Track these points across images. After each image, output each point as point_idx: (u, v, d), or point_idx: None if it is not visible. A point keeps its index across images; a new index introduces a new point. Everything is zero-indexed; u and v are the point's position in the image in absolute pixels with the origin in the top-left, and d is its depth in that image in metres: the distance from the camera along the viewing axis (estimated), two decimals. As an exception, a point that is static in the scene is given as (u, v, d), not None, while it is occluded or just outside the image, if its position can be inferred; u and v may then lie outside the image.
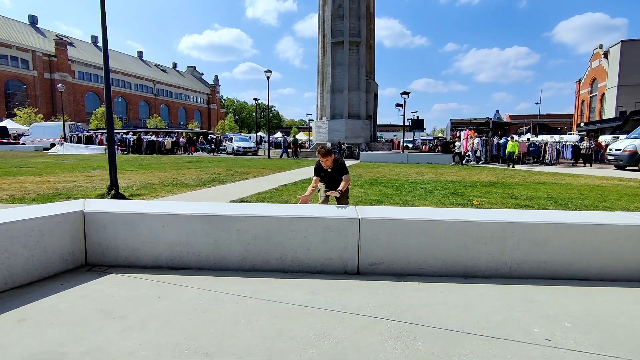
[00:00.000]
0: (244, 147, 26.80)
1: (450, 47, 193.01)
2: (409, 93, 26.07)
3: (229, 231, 2.83)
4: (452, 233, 2.82)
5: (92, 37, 70.43)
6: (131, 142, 23.88)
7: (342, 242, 2.82)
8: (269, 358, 1.64)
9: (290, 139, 32.11)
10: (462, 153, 19.07)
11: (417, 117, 41.48)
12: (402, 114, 27.90)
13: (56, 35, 57.83)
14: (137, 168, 12.29)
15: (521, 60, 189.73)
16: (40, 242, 2.55)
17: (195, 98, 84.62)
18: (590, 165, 17.63)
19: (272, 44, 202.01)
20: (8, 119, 36.05)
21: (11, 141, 26.66)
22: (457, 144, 20.51)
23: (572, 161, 19.20)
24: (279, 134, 52.46)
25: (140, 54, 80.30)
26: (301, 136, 62.33)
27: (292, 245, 2.83)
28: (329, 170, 3.91)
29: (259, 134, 49.37)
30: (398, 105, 26.73)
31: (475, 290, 2.55)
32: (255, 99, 28.66)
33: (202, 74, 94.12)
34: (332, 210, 3.01)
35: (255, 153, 26.30)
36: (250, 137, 37.53)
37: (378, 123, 35.57)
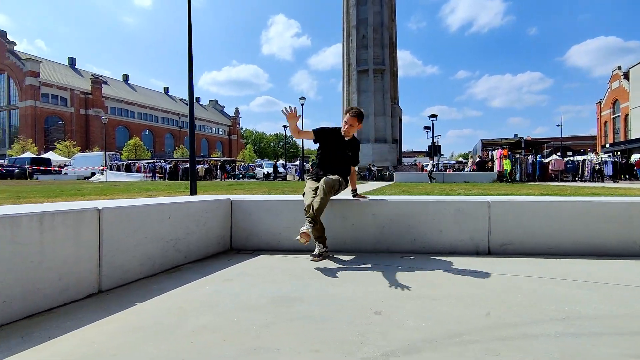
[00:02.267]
0: (265, 172, 27.46)
1: (462, 75, 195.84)
2: (437, 115, 26.46)
3: (365, 215, 3.04)
4: (577, 213, 2.94)
5: (123, 75, 75.04)
6: (167, 170, 24.92)
7: (474, 223, 2.97)
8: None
9: (306, 165, 33.02)
10: (498, 172, 18.98)
11: (438, 141, 41.83)
12: (429, 137, 28.23)
13: (92, 75, 62.03)
14: (186, 190, 12.81)
15: (535, 85, 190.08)
16: (206, 223, 2.82)
17: (217, 130, 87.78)
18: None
19: (287, 77, 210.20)
20: (50, 152, 38.24)
21: (53, 170, 28.17)
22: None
23: (611, 177, 18.77)
24: (298, 162, 53.55)
25: (166, 89, 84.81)
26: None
27: (424, 227, 3.01)
28: (345, 141, 3.03)
29: (280, 161, 50.55)
30: (426, 127, 27.03)
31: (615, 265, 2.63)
32: (284, 126, 29.54)
33: (223, 106, 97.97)
34: (461, 196, 3.19)
35: (284, 177, 26.83)
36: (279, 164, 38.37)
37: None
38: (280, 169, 28.02)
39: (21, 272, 1.57)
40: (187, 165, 23.93)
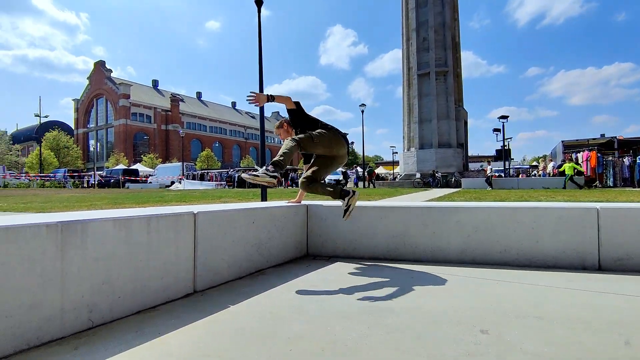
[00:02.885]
0: (334, 180, 27.66)
1: (533, 72, 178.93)
2: (507, 117, 24.42)
3: (448, 222, 2.84)
4: None
5: (196, 93, 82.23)
6: (236, 178, 26.60)
7: (579, 234, 2.59)
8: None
9: (352, 172, 32.80)
10: (586, 177, 16.75)
11: (508, 145, 38.45)
12: (499, 140, 26.10)
13: (171, 94, 69.03)
14: (257, 197, 13.45)
15: (625, 78, 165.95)
16: (286, 228, 2.86)
17: (279, 140, 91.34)
18: None
19: (345, 86, 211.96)
20: (138, 163, 43.30)
21: (141, 180, 31.77)
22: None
23: None
24: (359, 169, 53.47)
25: (233, 104, 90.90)
26: (381, 170, 62.84)
27: (517, 237, 2.70)
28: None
29: (339, 169, 51.02)
30: (496, 130, 25.07)
31: None
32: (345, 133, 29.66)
33: (284, 118, 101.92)
34: (562, 203, 2.83)
35: (344, 185, 26.84)
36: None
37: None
38: (340, 177, 28.11)
39: (133, 270, 1.71)
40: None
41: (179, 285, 1.95)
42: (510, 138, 36.47)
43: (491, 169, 18.54)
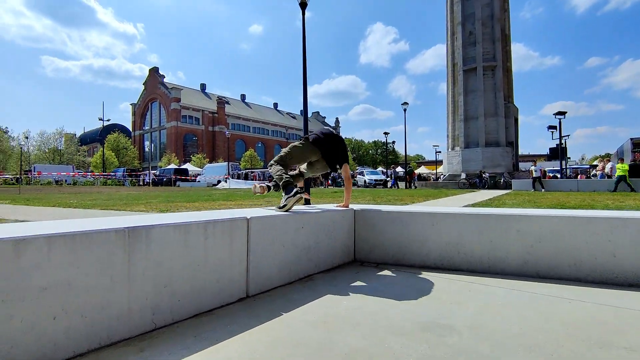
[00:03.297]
0: (375, 180, 27.29)
1: (594, 62, 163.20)
2: (565, 113, 22.48)
3: (508, 231, 2.63)
4: None
5: (240, 95, 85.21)
6: (277, 178, 27.23)
7: (668, 249, 2.28)
8: None
9: (393, 171, 31.87)
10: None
11: (565, 143, 35.28)
12: (554, 138, 24.13)
13: (218, 97, 72.18)
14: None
15: None
16: (334, 233, 2.83)
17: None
18: None
19: (385, 84, 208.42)
20: (187, 163, 45.89)
21: (190, 179, 33.61)
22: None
23: None
24: (399, 168, 52.43)
25: (275, 105, 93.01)
26: (423, 169, 61.00)
27: (590, 249, 2.43)
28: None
29: (379, 169, 50.37)
30: (551, 127, 23.18)
31: None
32: (385, 133, 29.18)
33: (324, 117, 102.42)
34: None
35: (385, 185, 26.35)
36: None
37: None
38: (381, 177, 27.60)
39: (191, 273, 1.76)
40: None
41: (233, 289, 1.98)
42: (568, 136, 33.50)
43: (536, 169, 17.06)
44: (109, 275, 1.45)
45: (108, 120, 46.41)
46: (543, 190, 16.31)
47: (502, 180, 22.86)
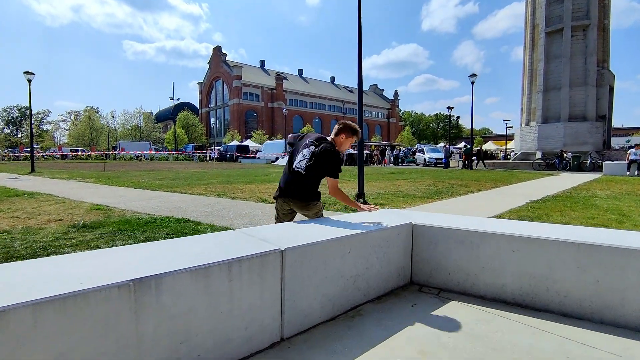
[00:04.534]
0: (436, 158, 25.64)
1: None
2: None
3: (624, 270, 1.97)
4: None
5: (298, 70, 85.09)
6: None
7: None
8: None
9: (457, 147, 28.84)
10: None
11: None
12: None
13: (276, 73, 73.01)
14: (353, 179, 13.25)
15: None
16: (387, 254, 2.41)
17: (377, 114, 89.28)
18: None
19: (449, 51, 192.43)
20: (248, 140, 47.77)
21: (251, 156, 34.93)
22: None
23: None
24: (462, 144, 48.53)
25: (332, 79, 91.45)
26: (490, 145, 55.70)
27: None
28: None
29: (440, 145, 47.15)
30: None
31: None
32: (449, 108, 26.98)
33: (382, 90, 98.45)
34: None
35: (447, 165, 24.60)
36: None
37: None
38: (442, 155, 25.70)
39: (213, 323, 1.50)
40: (350, 151, 25.13)
41: (265, 334, 1.70)
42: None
43: (636, 153, 14.14)
44: (112, 338, 1.23)
45: (178, 99, 49.79)
46: (637, 174, 13.74)
47: (588, 161, 19.86)
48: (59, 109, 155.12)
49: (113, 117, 57.41)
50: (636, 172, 14.14)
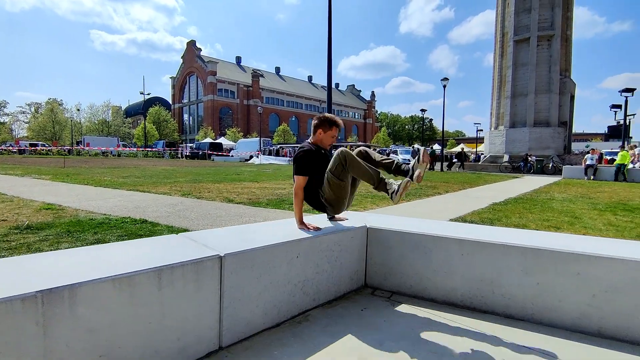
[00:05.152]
0: (408, 159, 26.18)
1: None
2: (634, 90, 19.78)
3: (563, 274, 2.04)
4: None
5: (275, 68, 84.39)
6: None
7: None
8: None
9: (422, 148, 29.87)
10: None
11: (629, 121, 31.29)
12: (618, 119, 21.48)
13: (253, 70, 72.02)
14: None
15: None
16: (339, 258, 2.38)
17: (353, 114, 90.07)
18: None
19: (425, 55, 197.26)
20: (222, 137, 46.82)
21: (224, 154, 34.27)
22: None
23: None
24: (436, 146, 49.96)
25: (310, 78, 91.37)
26: (460, 148, 57.64)
27: (680, 310, 1.81)
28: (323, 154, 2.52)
29: (416, 146, 48.30)
30: (615, 106, 20.60)
31: None
32: (422, 110, 27.60)
33: (360, 91, 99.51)
34: None
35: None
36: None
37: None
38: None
39: (140, 336, 1.41)
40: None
41: (201, 344, 1.62)
42: (633, 115, 29.76)
43: (591, 158, 15.19)
44: (14, 356, 1.11)
45: (149, 94, 47.99)
46: (589, 178, 14.72)
47: (550, 165, 20.92)
48: (18, 100, 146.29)
49: (78, 110, 54.67)
50: (592, 177, 15.02)
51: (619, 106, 20.21)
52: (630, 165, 15.15)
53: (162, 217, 5.05)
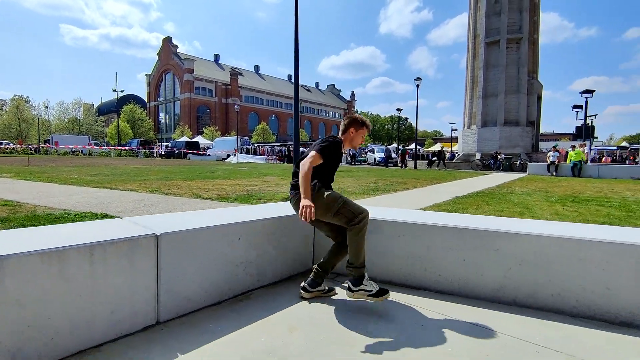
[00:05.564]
0: (384, 157, 26.64)
1: (633, 34, 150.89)
2: (593, 91, 20.95)
3: (484, 250, 2.24)
4: None
5: (255, 66, 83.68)
6: (285, 152, 26.88)
7: (674, 284, 1.86)
8: None
9: (392, 147, 30.92)
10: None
11: (592, 122, 33.06)
12: (579, 118, 22.67)
13: (231, 68, 71.10)
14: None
15: None
16: (282, 242, 2.51)
17: (333, 113, 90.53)
18: None
19: (405, 56, 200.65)
20: (199, 136, 46.03)
21: (201, 153, 33.74)
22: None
23: None
24: (413, 145, 51.11)
25: (289, 77, 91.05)
26: (438, 147, 59.22)
27: (579, 279, 2.04)
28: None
29: (393, 145, 49.33)
30: (576, 107, 21.75)
31: None
32: (398, 109, 28.15)
33: (340, 90, 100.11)
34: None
35: (396, 164, 25.70)
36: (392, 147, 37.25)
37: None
38: (393, 155, 26.89)
39: (71, 308, 1.48)
40: (302, 149, 25.26)
41: (137, 318, 1.70)
42: (595, 115, 31.48)
43: (553, 155, 16.22)
44: None
45: (122, 91, 46.52)
46: (554, 174, 15.61)
47: (518, 162, 21.83)
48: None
49: (47, 107, 52.33)
50: (554, 173, 15.82)
51: (580, 107, 21.32)
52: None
53: (124, 211, 5.02)
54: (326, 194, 2.11)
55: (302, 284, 2.24)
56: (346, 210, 2.06)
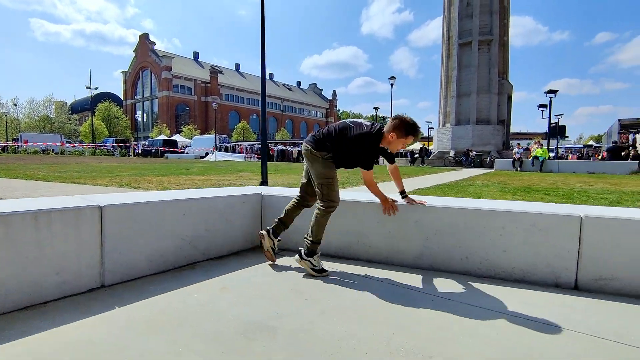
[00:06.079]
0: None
1: (603, 38, 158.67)
2: (556, 91, 22.05)
3: (406, 222, 2.54)
4: None
5: (235, 64, 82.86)
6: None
7: (554, 245, 2.20)
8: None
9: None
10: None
11: (559, 121, 34.85)
12: (544, 117, 23.82)
13: (211, 66, 70.17)
14: (274, 172, 13.51)
15: None
16: (232, 219, 2.73)
17: (315, 112, 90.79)
18: None
19: (386, 56, 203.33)
20: (177, 134, 45.29)
21: (179, 151, 33.28)
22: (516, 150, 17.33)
23: None
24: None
25: (271, 75, 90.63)
26: (417, 145, 60.54)
27: (482, 244, 2.36)
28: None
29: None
30: (542, 106, 22.82)
31: None
32: (375, 108, 28.72)
33: (321, 90, 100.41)
34: (540, 205, 2.42)
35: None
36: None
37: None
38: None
39: (16, 268, 1.66)
40: (282, 147, 25.41)
41: (81, 280, 1.89)
42: (562, 114, 33.09)
43: (518, 152, 17.23)
44: None
45: (96, 89, 45.19)
46: (517, 170, 16.55)
47: (488, 159, 22.73)
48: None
49: (15, 105, 50.23)
50: (519, 168, 16.64)
51: (545, 106, 22.40)
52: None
53: (89, 202, 5.09)
54: (328, 167, 2.34)
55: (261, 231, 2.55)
56: (326, 190, 2.35)
